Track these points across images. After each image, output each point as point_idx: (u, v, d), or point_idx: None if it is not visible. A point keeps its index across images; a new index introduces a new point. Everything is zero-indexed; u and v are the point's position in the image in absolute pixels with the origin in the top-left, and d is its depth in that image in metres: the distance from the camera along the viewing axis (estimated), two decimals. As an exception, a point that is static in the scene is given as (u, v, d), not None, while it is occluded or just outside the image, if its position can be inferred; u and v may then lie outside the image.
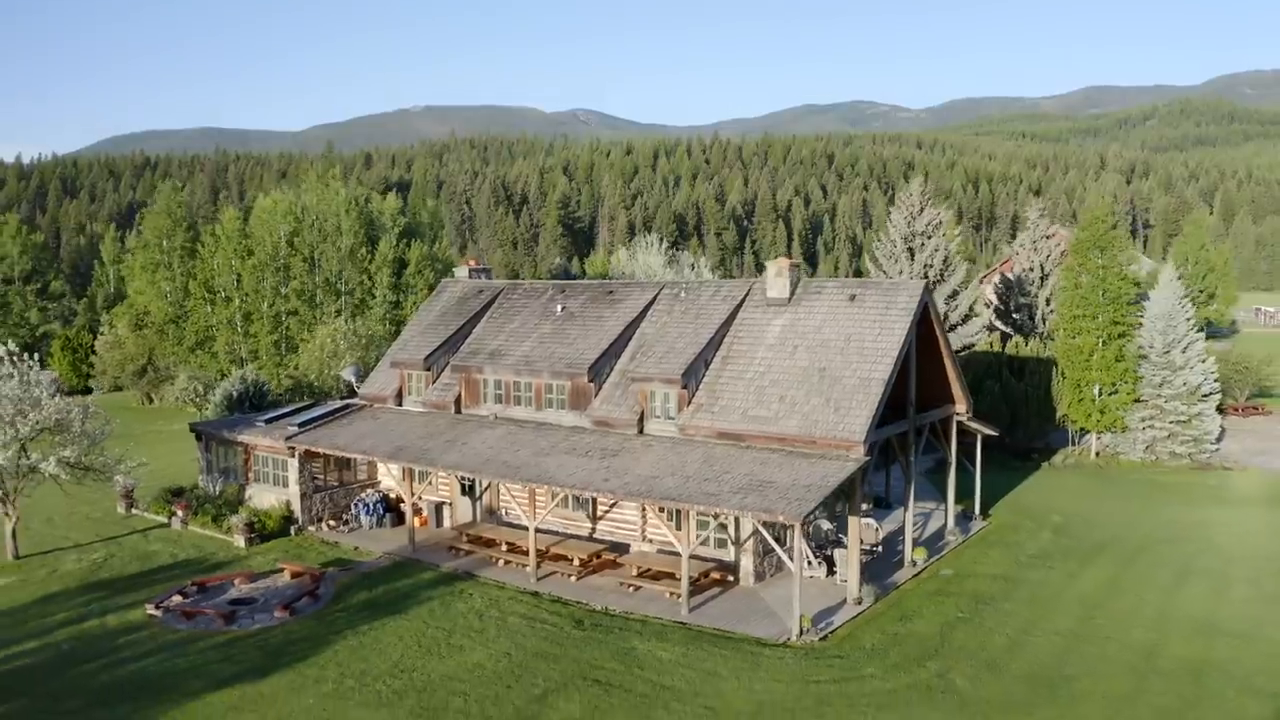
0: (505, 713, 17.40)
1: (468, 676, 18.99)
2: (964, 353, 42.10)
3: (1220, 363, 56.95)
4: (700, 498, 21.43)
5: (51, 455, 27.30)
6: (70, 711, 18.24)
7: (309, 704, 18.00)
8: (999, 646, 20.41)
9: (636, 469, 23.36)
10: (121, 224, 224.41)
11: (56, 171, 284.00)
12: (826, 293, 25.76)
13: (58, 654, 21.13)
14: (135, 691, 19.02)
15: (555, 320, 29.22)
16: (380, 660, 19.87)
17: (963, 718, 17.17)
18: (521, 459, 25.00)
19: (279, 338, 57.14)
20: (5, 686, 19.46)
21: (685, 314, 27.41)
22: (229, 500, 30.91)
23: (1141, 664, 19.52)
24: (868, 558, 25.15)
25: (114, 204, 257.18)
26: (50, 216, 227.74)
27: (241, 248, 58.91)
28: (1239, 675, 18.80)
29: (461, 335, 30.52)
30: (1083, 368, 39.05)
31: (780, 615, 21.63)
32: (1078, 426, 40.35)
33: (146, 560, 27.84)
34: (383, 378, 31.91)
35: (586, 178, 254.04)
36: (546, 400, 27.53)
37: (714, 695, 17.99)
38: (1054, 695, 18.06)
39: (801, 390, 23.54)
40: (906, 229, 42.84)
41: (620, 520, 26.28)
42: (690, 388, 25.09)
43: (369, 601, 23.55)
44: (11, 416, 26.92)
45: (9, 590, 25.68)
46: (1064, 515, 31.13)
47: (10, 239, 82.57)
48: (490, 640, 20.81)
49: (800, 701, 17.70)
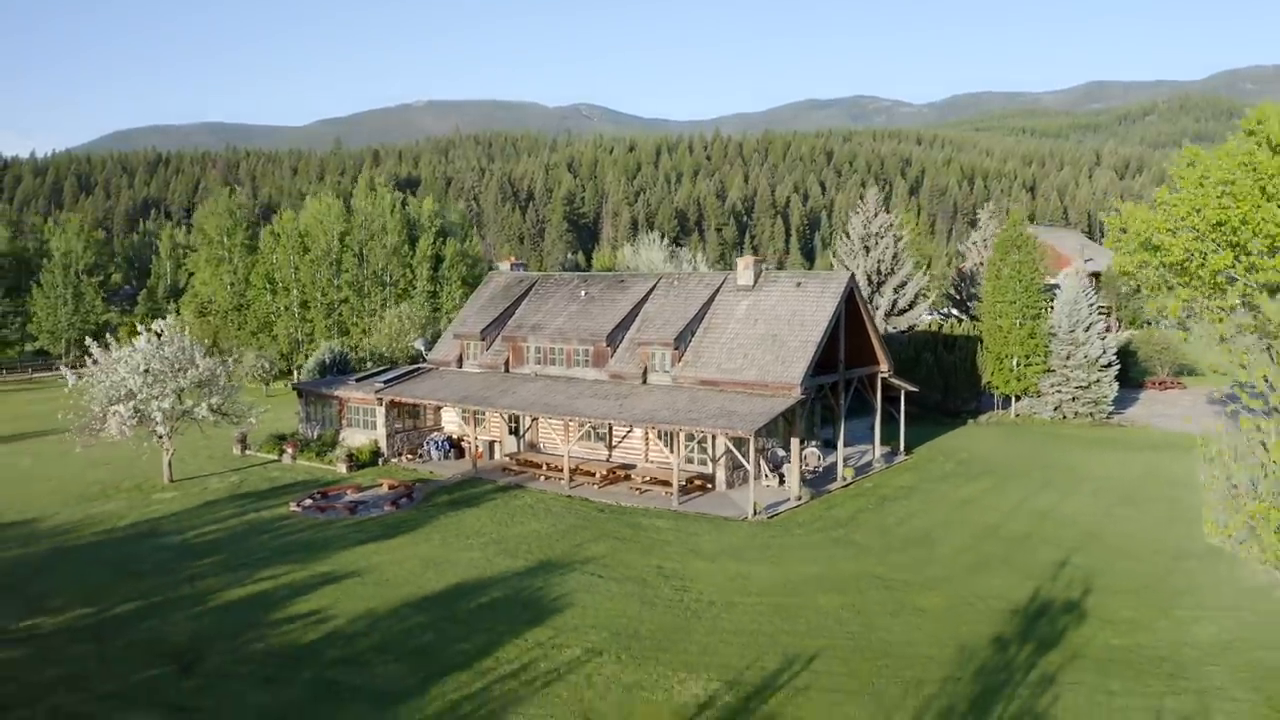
0: (557, 551, 26.65)
1: (529, 536, 28.26)
2: (908, 331, 51.28)
3: (1143, 344, 66.33)
4: (687, 422, 30.63)
5: (203, 402, 36.52)
6: (260, 560, 27.40)
7: (426, 550, 27.24)
8: (890, 523, 29.65)
9: (641, 406, 32.57)
10: (135, 220, 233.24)
11: (71, 168, 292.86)
12: (780, 281, 34.96)
13: (235, 532, 30.35)
14: (300, 550, 28.20)
15: (580, 302, 38.47)
16: (467, 527, 29.17)
17: (855, 555, 26.41)
18: (557, 401, 34.23)
19: (332, 322, 66.36)
20: (207, 548, 28.65)
21: (677, 297, 36.60)
22: (326, 441, 40.16)
23: (986, 533, 28.73)
24: (811, 475, 34.36)
25: (129, 200, 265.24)
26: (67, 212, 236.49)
27: (298, 245, 68.10)
28: (1050, 541, 27.93)
29: (508, 314, 39.78)
30: (1003, 343, 48.17)
31: (742, 506, 30.85)
32: (1000, 392, 49.52)
33: (273, 481, 37.09)
34: (445, 347, 41.21)
35: (591, 174, 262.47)
36: (575, 360, 36.75)
37: (694, 544, 27.23)
38: (919, 546, 27.26)
39: (759, 350, 32.74)
40: (863, 231, 51.98)
41: (629, 447, 35.52)
42: (680, 349, 34.29)
43: (450, 501, 32.82)
44: (174, 373, 36.15)
45: (176, 500, 34.89)
46: (970, 453, 40.37)
47: (75, 236, 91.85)
48: (540, 519, 30.09)
49: (749, 545, 26.95)
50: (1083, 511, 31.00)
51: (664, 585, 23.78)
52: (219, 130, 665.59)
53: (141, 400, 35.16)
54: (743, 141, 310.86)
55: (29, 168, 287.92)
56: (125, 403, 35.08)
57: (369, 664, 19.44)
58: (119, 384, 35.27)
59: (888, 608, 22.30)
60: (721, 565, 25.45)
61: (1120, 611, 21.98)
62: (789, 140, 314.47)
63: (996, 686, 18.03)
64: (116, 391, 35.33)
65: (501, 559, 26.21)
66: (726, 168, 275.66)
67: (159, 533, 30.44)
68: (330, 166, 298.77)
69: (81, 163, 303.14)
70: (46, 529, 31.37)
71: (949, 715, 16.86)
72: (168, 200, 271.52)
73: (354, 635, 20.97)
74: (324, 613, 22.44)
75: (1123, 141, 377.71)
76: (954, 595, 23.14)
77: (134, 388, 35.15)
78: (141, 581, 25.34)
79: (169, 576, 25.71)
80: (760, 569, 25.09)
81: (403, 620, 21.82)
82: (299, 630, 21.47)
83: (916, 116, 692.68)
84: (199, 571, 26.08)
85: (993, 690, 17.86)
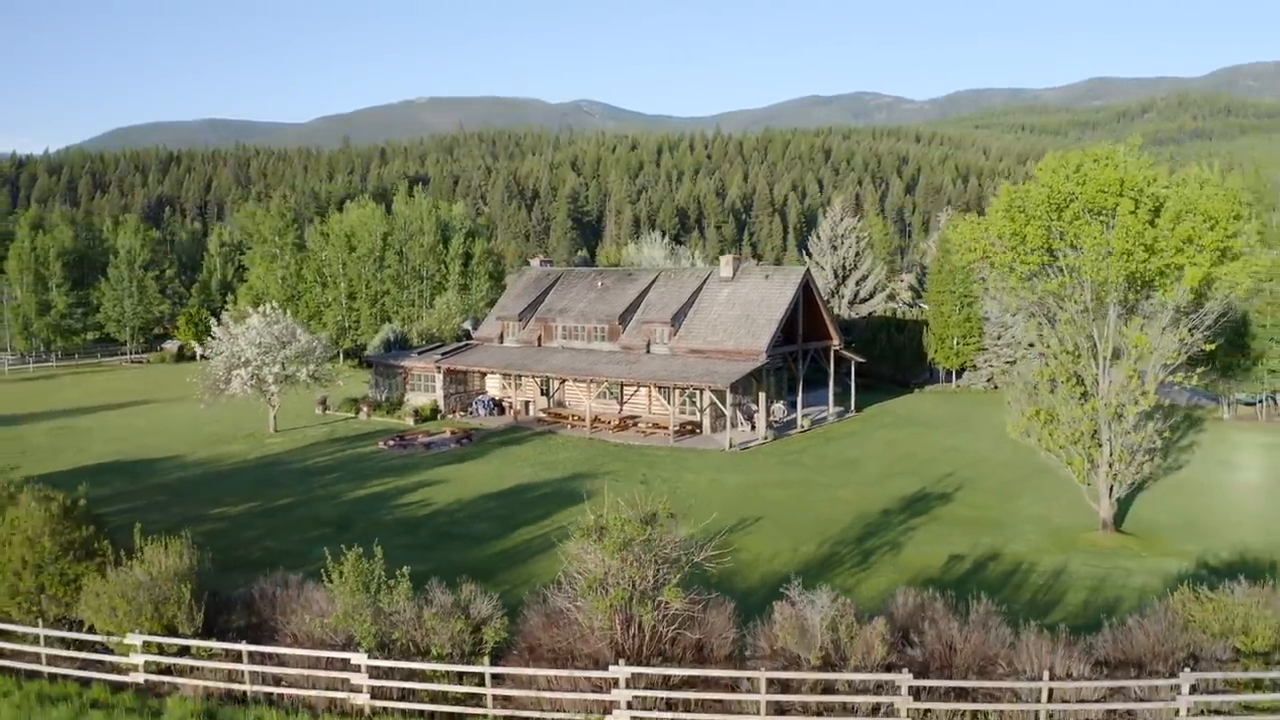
0: (584, 468, 36.82)
1: (562, 460, 38.44)
2: (867, 317, 61.39)
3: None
4: (680, 380, 40.73)
5: (302, 369, 46.60)
6: (370, 475, 37.49)
7: (489, 469, 37.39)
8: (831, 453, 39.81)
9: (645, 369, 42.68)
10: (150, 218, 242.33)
11: (85, 166, 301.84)
12: (753, 274, 45.07)
13: (342, 460, 40.51)
14: (396, 469, 38.33)
15: (597, 290, 48.61)
16: (516, 456, 39.37)
17: (800, 470, 36.53)
18: (580, 366, 44.35)
19: (376, 311, 76.49)
20: (326, 469, 38.79)
21: (674, 286, 46.68)
22: (394, 402, 50.31)
23: (901, 459, 38.83)
24: (776, 424, 44.47)
25: (144, 198, 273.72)
26: (84, 210, 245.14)
27: (345, 244, 78.24)
28: (945, 463, 37.95)
29: (539, 300, 49.94)
30: (944, 325, 58.21)
31: (721, 443, 40.95)
32: (943, 367, 59.59)
33: (356, 431, 47.23)
34: (488, 326, 51.38)
35: (594, 173, 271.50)
36: (593, 336, 46.85)
37: (684, 464, 37.41)
38: (849, 466, 37.38)
39: (735, 326, 42.84)
40: (830, 233, 62.07)
41: (636, 402, 45.66)
42: (676, 326, 44.37)
43: (500, 441, 43.00)
44: (280, 345, 46.24)
45: (285, 443, 44.95)
46: (908, 412, 50.51)
47: (132, 235, 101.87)
48: (570, 450, 40.27)
49: (724, 465, 37.14)
50: (977, 447, 41.11)
51: (662, 485, 33.88)
52: (221, 127, 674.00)
53: (256, 366, 45.30)
54: (743, 140, 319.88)
55: (43, 165, 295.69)
56: (245, 368, 45.22)
57: (466, 524, 29.63)
58: (239, 353, 45.41)
59: (816, 496, 32.48)
60: (703, 475, 35.63)
61: (975, 499, 32.15)
62: (788, 138, 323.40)
63: (875, 530, 28.20)
64: (236, 359, 45.47)
65: (545, 473, 36.42)
66: (726, 166, 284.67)
67: (282, 462, 40.63)
68: (339, 165, 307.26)
69: (95, 161, 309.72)
70: (192, 461, 41.47)
71: (840, 542, 27.01)
72: (181, 198, 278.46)
73: (452, 511, 31.18)
74: (427, 501, 32.64)
75: (1119, 139, 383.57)
76: (865, 491, 33.29)
77: (250, 357, 45.28)
78: (285, 489, 35.51)
79: (305, 485, 35.90)
80: (731, 477, 35.28)
81: (482, 504, 32.04)
82: (413, 509, 31.66)
83: (918, 113, 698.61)
84: (326, 482, 36.29)
85: (871, 533, 28.02)
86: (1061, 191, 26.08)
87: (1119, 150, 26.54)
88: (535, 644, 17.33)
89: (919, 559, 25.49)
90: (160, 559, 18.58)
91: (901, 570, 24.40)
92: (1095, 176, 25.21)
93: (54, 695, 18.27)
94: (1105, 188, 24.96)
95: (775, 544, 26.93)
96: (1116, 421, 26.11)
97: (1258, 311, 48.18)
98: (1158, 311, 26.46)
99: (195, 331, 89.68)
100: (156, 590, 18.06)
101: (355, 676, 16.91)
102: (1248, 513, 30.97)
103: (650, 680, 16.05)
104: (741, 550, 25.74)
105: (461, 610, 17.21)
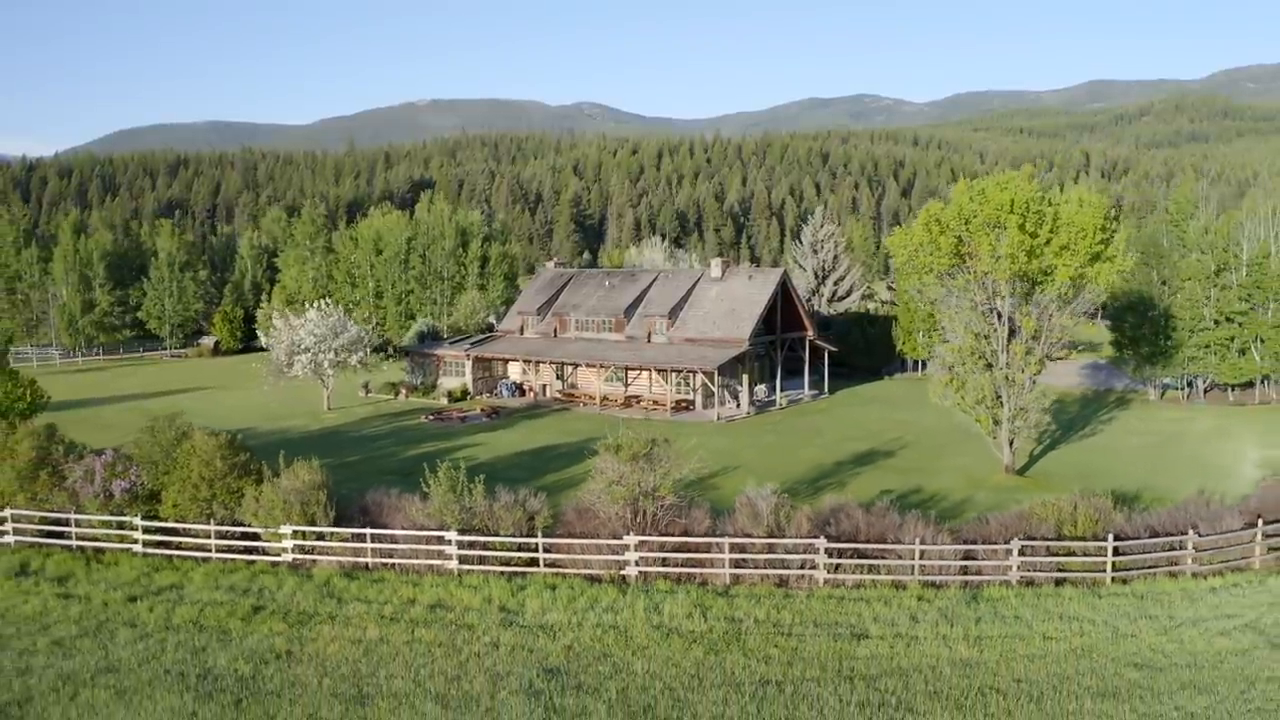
0: (596, 433, 44.34)
1: (577, 429, 46.11)
2: (844, 314, 69.05)
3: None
4: (676, 364, 48.40)
5: (353, 356, 54.22)
6: (419, 440, 45.06)
7: (516, 436, 45.06)
8: (801, 424, 47.48)
9: (647, 355, 50.34)
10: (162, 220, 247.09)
11: (94, 169, 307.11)
12: (739, 274, 52.76)
13: (392, 430, 48.15)
14: (440, 437, 45.92)
15: (605, 289, 56.33)
16: (539, 427, 47.05)
17: (775, 437, 44.17)
18: (591, 353, 52.04)
19: (402, 309, 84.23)
20: (380, 436, 46.43)
21: (671, 285, 54.37)
22: (429, 386, 57.98)
23: (858, 427, 46.41)
24: (758, 403, 52.15)
25: (154, 201, 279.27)
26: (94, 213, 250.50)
27: (373, 247, 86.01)
28: (896, 430, 45.53)
29: (555, 297, 57.64)
30: (911, 319, 65.78)
31: (710, 417, 48.59)
32: (912, 357, 67.19)
33: (398, 409, 54.89)
34: (510, 320, 59.10)
35: (595, 177, 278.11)
36: (602, 328, 54.50)
37: (678, 433, 44.98)
38: (815, 433, 45.03)
39: (723, 318, 50.50)
40: (812, 238, 69.75)
41: (638, 384, 53.39)
42: (673, 319, 52.05)
43: (523, 416, 50.67)
44: (333, 335, 53.88)
45: (339, 418, 52.51)
46: (874, 395, 58.17)
47: (169, 237, 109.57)
48: (583, 423, 47.94)
49: (712, 434, 44.84)
50: (925, 420, 48.68)
51: (660, 446, 41.49)
52: (224, 129, 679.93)
53: (314, 353, 52.98)
54: (742, 144, 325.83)
55: (53, 169, 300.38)
56: (304, 354, 52.90)
57: (505, 471, 37.24)
58: (299, 341, 53.10)
59: (784, 453, 40.17)
60: (694, 440, 43.25)
61: (912, 455, 39.84)
62: (787, 142, 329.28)
63: (827, 475, 35.90)
64: (296, 347, 53.15)
65: (563, 438, 44.12)
66: (726, 170, 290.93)
67: (341, 432, 48.29)
68: (345, 168, 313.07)
69: (104, 164, 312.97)
70: (263, 431, 49.00)
71: (799, 482, 34.68)
72: (190, 201, 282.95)
73: (492, 464, 38.85)
74: (471, 457, 40.08)
75: (1116, 142, 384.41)
76: (824, 450, 40.96)
77: (309, 344, 52.96)
78: (351, 450, 43.15)
79: (366, 448, 43.56)
80: (716, 440, 42.98)
81: (515, 459, 39.74)
82: (460, 462, 39.15)
83: (918, 115, 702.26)
84: (382, 446, 43.97)
85: (824, 476, 35.74)
86: (967, 209, 33.81)
87: (1016, 177, 34.21)
88: (571, 529, 25.02)
89: (858, 491, 33.08)
90: (303, 473, 26.26)
91: (842, 498, 32.05)
92: (992, 198, 32.91)
93: (228, 569, 25.96)
94: (999, 207, 32.66)
95: (746, 483, 34.36)
96: (1009, 386, 33.80)
97: (1179, 308, 55.83)
98: (1048, 301, 34.16)
99: (230, 328, 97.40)
100: (302, 494, 25.74)
101: (447, 549, 24.58)
102: (1133, 465, 38.61)
103: (650, 547, 23.70)
104: (720, 488, 33.41)
105: (520, 504, 24.91)
